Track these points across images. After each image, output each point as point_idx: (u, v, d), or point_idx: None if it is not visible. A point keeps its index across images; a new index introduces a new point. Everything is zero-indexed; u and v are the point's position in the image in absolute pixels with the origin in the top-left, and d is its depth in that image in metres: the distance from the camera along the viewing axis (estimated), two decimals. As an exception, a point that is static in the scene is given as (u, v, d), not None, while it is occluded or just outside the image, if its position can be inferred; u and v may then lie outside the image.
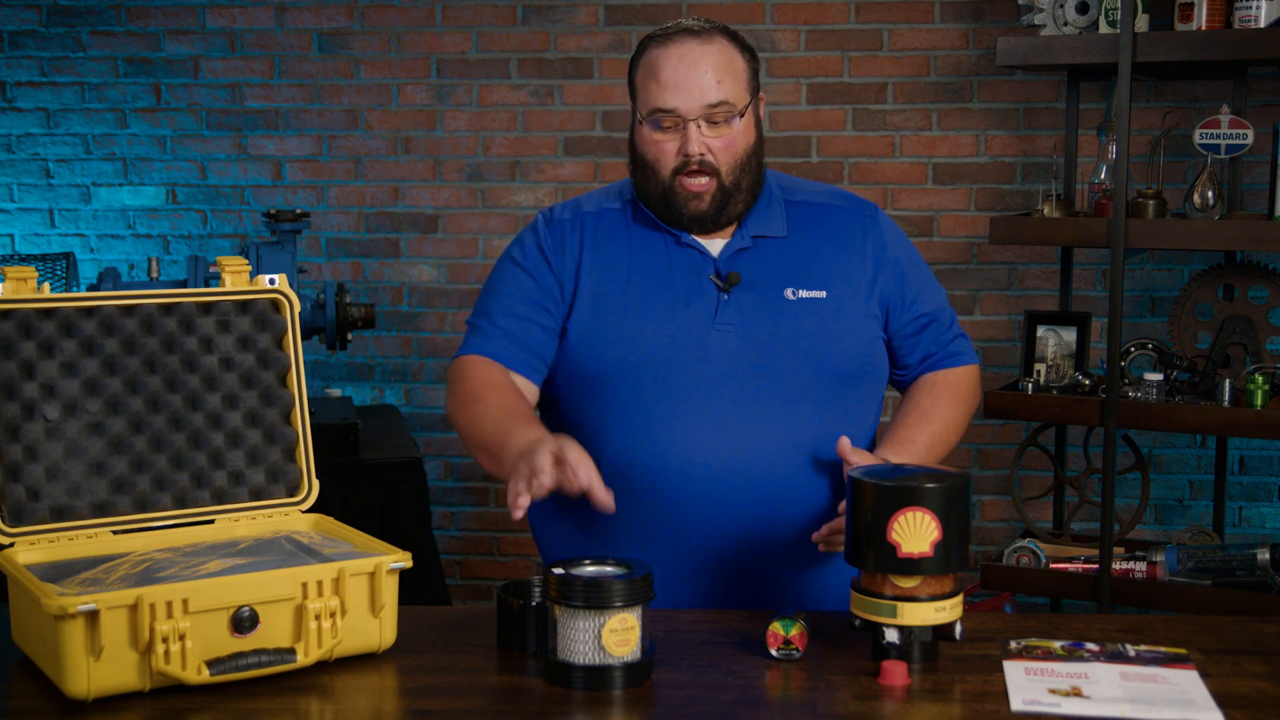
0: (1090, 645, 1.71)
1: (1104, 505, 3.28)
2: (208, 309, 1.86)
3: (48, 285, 1.81)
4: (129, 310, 1.82)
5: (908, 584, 1.61)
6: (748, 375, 1.93)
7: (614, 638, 1.57)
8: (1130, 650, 1.70)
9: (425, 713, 1.53)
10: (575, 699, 1.57)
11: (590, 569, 1.62)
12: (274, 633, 1.61)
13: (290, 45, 4.08)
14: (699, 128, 1.94)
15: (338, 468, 3.20)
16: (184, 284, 3.21)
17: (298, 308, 1.90)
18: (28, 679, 1.62)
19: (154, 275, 3.22)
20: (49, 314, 1.77)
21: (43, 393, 1.76)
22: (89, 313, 1.79)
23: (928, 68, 3.89)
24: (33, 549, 1.73)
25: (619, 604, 1.56)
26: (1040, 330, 3.48)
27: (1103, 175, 3.37)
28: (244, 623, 1.58)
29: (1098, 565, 3.30)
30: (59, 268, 3.74)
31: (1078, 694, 1.55)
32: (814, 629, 1.72)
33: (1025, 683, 1.59)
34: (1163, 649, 1.70)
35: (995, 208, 3.90)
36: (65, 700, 1.54)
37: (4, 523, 1.72)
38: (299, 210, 3.28)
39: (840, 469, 1.95)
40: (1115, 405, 3.21)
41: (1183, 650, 1.70)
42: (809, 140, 3.95)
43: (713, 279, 1.99)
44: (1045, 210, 3.38)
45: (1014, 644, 1.71)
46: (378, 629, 1.68)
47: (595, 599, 1.56)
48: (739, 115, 1.96)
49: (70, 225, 4.18)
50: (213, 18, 4.07)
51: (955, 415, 2.07)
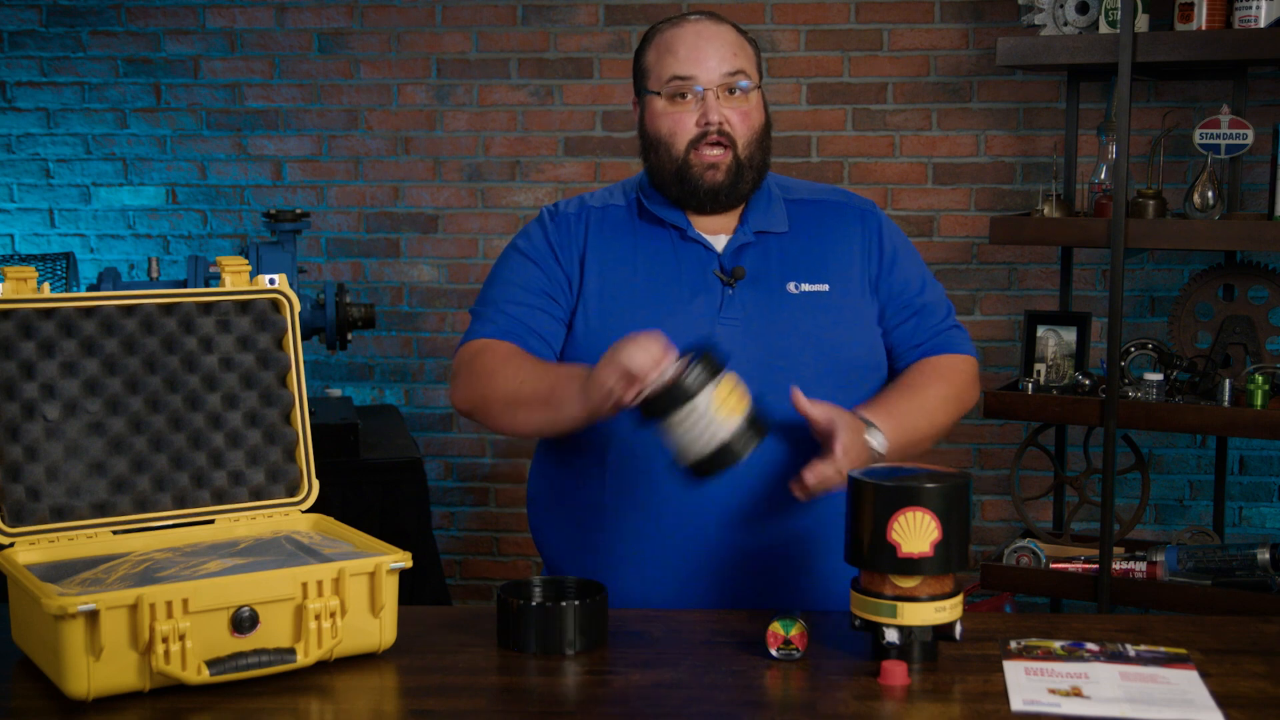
0: (1090, 645, 1.71)
1: (1104, 505, 3.28)
2: (208, 309, 1.86)
3: (48, 285, 1.81)
4: (129, 310, 1.81)
5: (908, 584, 1.61)
6: (753, 369, 1.93)
7: (724, 408, 1.66)
8: (1130, 650, 1.70)
9: (425, 713, 1.53)
10: (573, 699, 1.57)
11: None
12: (274, 633, 1.61)
13: (290, 45, 4.08)
14: (717, 97, 1.97)
15: (338, 468, 3.20)
16: (184, 284, 3.21)
17: (298, 308, 1.90)
18: (28, 679, 1.62)
19: (154, 275, 3.22)
20: (49, 314, 1.77)
21: (43, 393, 1.75)
22: (89, 313, 1.79)
23: (928, 68, 3.89)
24: (33, 549, 1.73)
25: (712, 378, 1.65)
26: (1040, 330, 3.48)
27: (1103, 175, 3.37)
28: (244, 623, 1.58)
29: (1098, 565, 3.30)
30: (59, 268, 3.74)
31: (1078, 694, 1.55)
32: (814, 629, 1.72)
33: (1025, 683, 1.59)
34: (1163, 649, 1.70)
35: (995, 208, 3.90)
36: (65, 700, 1.54)
37: (4, 523, 1.72)
38: (299, 210, 3.28)
39: (812, 451, 1.95)
40: (1115, 405, 3.21)
41: (1183, 650, 1.70)
42: (809, 140, 3.95)
43: (717, 273, 1.99)
44: (1045, 210, 3.38)
45: (1014, 644, 1.71)
46: (378, 629, 1.68)
47: (697, 381, 1.63)
48: (755, 88, 2.00)
49: (70, 225, 4.18)
50: (213, 18, 4.07)
51: (942, 396, 2.03)
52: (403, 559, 1.68)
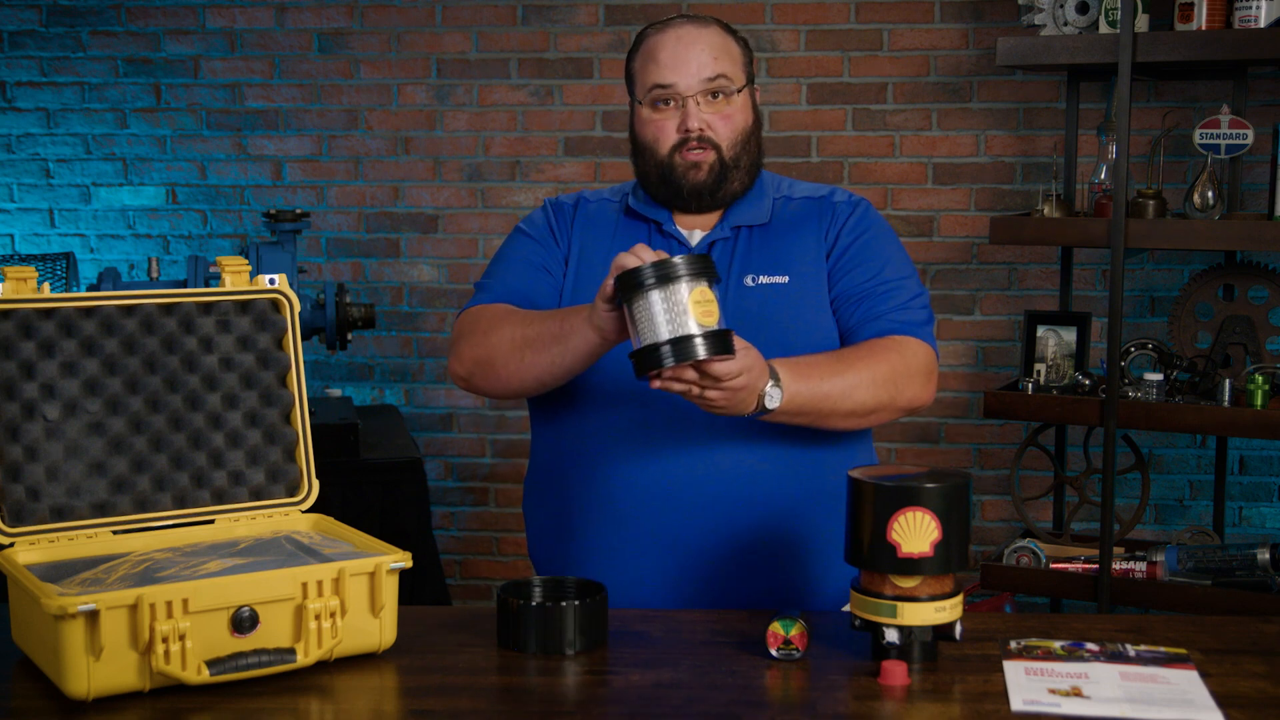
0: (1090, 645, 1.71)
1: (1104, 505, 3.28)
2: (208, 309, 1.86)
3: (48, 285, 1.81)
4: (129, 310, 1.82)
5: (908, 584, 1.61)
6: None
7: (699, 309, 1.63)
8: (1130, 650, 1.70)
9: (425, 713, 1.53)
10: (573, 699, 1.57)
11: None
12: (274, 633, 1.61)
13: (290, 45, 4.08)
14: (698, 104, 1.98)
15: (338, 468, 3.20)
16: (184, 284, 3.21)
17: (298, 308, 1.90)
18: (28, 679, 1.62)
19: (154, 275, 3.22)
20: (49, 314, 1.77)
21: (43, 393, 1.75)
22: (89, 313, 1.79)
23: (928, 68, 3.89)
24: (33, 549, 1.73)
25: (701, 277, 1.64)
26: (1040, 330, 3.48)
27: (1103, 175, 3.37)
28: (244, 623, 1.58)
29: (1098, 565, 3.30)
30: (59, 268, 3.74)
31: (1078, 694, 1.55)
32: (814, 629, 1.72)
33: (1025, 683, 1.59)
34: (1163, 649, 1.70)
35: (995, 208, 3.90)
36: (65, 700, 1.54)
37: (4, 523, 1.72)
38: (299, 210, 3.28)
39: (811, 451, 1.96)
40: (1115, 405, 3.21)
41: (1183, 650, 1.70)
42: (809, 140, 3.95)
43: None
44: (1045, 210, 3.38)
45: (1014, 644, 1.71)
46: (378, 629, 1.68)
47: (684, 267, 1.63)
48: (736, 91, 2.00)
49: (70, 225, 4.18)
50: (213, 18, 4.07)
51: (871, 377, 1.91)
52: (403, 559, 1.68)
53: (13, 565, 1.67)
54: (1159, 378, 3.24)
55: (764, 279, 2.01)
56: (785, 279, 2.01)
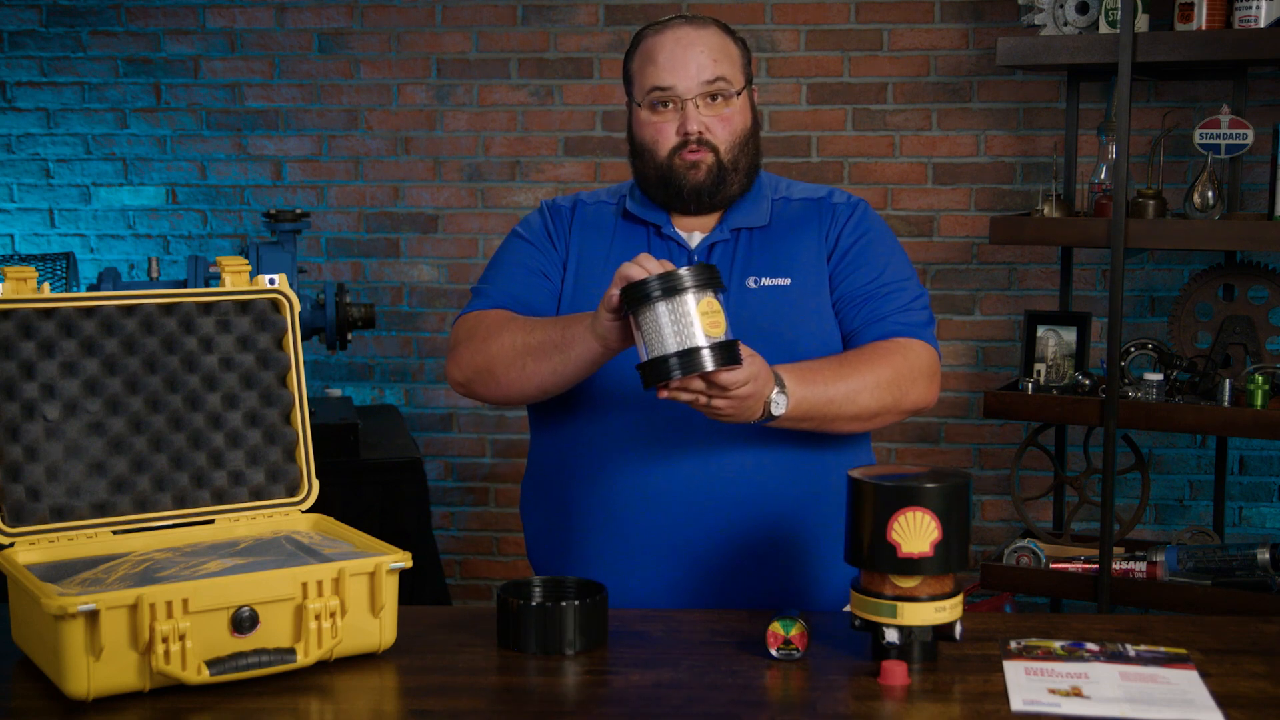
0: (1090, 645, 1.71)
1: (1104, 505, 3.28)
2: (208, 309, 1.86)
3: (48, 285, 1.81)
4: (129, 310, 1.82)
5: (908, 584, 1.61)
6: None
7: (706, 320, 1.64)
8: (1130, 650, 1.70)
9: (425, 713, 1.53)
10: (572, 699, 1.57)
11: None
12: (274, 633, 1.61)
13: (290, 45, 4.08)
14: (696, 107, 1.98)
15: (338, 468, 3.20)
16: (184, 284, 3.21)
17: (298, 308, 1.90)
18: (28, 679, 1.62)
19: (154, 275, 3.22)
20: (49, 314, 1.77)
21: (43, 393, 1.76)
22: (89, 313, 1.79)
23: (928, 68, 3.89)
24: (33, 549, 1.73)
25: (707, 288, 1.65)
26: (1040, 330, 3.48)
27: (1103, 175, 3.37)
28: (244, 623, 1.58)
29: (1098, 565, 3.30)
30: (59, 268, 3.74)
31: (1078, 694, 1.55)
32: (814, 629, 1.72)
33: (1025, 683, 1.59)
34: (1163, 649, 1.70)
35: (995, 208, 3.90)
36: (65, 700, 1.54)
37: (4, 523, 1.72)
38: (299, 210, 3.28)
39: (810, 452, 1.96)
40: (1115, 405, 3.21)
41: (1183, 650, 1.70)
42: (809, 140, 3.95)
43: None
44: (1045, 210, 3.38)
45: (1014, 644, 1.71)
46: (378, 629, 1.68)
47: (691, 278, 1.64)
48: (735, 93, 2.00)
49: (70, 225, 4.18)
50: (213, 18, 4.07)
51: (875, 381, 1.92)
52: (403, 559, 1.68)
53: (13, 565, 1.67)
54: (1159, 378, 3.24)
55: (766, 281, 2.00)
56: (787, 281, 2.01)
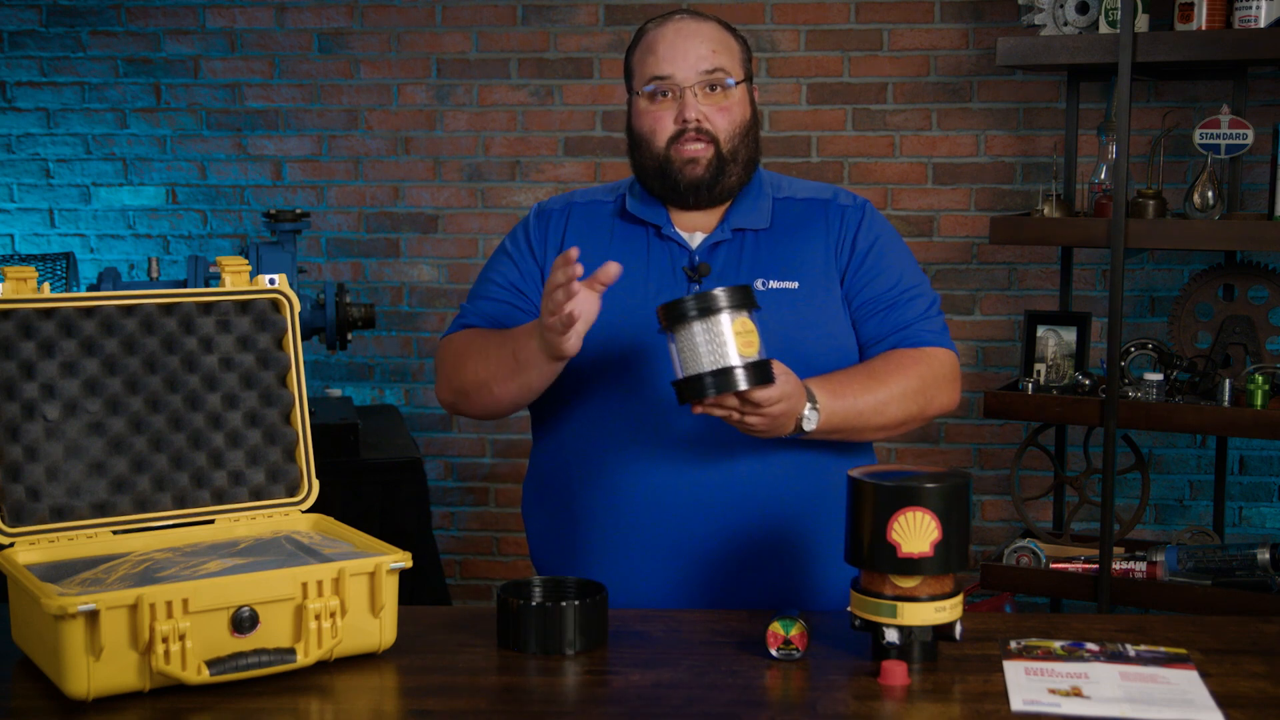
0: (1090, 645, 1.71)
1: (1104, 505, 3.28)
2: (208, 309, 1.86)
3: (48, 285, 1.81)
4: (129, 310, 1.82)
5: (908, 584, 1.61)
6: None
7: (740, 339, 1.68)
8: (1130, 650, 1.70)
9: (425, 713, 1.54)
10: (572, 699, 1.57)
11: None
12: (274, 633, 1.61)
13: (290, 45, 4.08)
14: (695, 95, 1.98)
15: (338, 468, 3.20)
16: (184, 284, 3.21)
17: (298, 308, 1.90)
18: (28, 679, 1.62)
19: (154, 275, 3.22)
20: (49, 314, 1.77)
21: (43, 393, 1.76)
22: (89, 313, 1.79)
23: (928, 68, 3.89)
24: (33, 549, 1.73)
25: (741, 307, 1.68)
26: (1040, 330, 3.48)
27: (1103, 175, 3.37)
28: (244, 623, 1.58)
29: (1098, 565, 3.30)
30: (59, 268, 3.74)
31: (1078, 694, 1.55)
32: (814, 629, 1.72)
33: (1025, 683, 1.59)
34: (1163, 649, 1.70)
35: (995, 208, 3.90)
36: (65, 700, 1.54)
37: (4, 523, 1.72)
38: (299, 210, 3.28)
39: (811, 452, 1.96)
40: (1115, 405, 3.21)
41: (1183, 650, 1.70)
42: (809, 140, 3.95)
43: (685, 269, 2.00)
44: (1045, 210, 3.38)
45: (1014, 644, 1.71)
46: (378, 629, 1.68)
47: (726, 299, 1.67)
48: (734, 84, 2.00)
49: (70, 225, 4.18)
50: (213, 18, 4.07)
51: (901, 391, 1.95)
52: (403, 559, 1.68)
53: (13, 565, 1.67)
54: (1159, 378, 3.24)
55: (774, 284, 2.00)
56: (795, 284, 2.00)
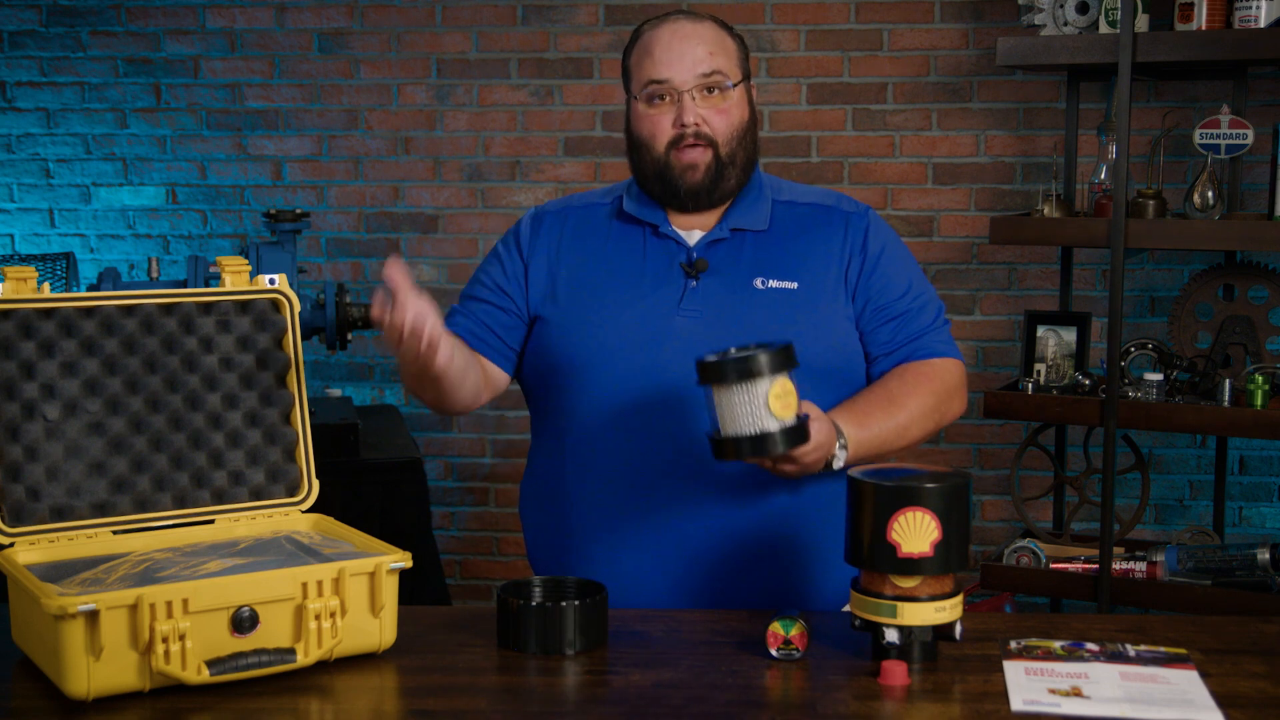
0: (1090, 645, 1.71)
1: (1104, 505, 3.28)
2: (208, 309, 1.86)
3: (48, 285, 1.81)
4: (129, 310, 1.82)
5: (908, 584, 1.61)
6: None
7: (779, 402, 1.67)
8: (1130, 650, 1.70)
9: (425, 713, 1.54)
10: (572, 699, 1.57)
11: None
12: (274, 633, 1.61)
13: (290, 45, 4.08)
14: (693, 99, 1.97)
15: (338, 468, 3.20)
16: (184, 284, 3.20)
17: (298, 308, 1.90)
18: (28, 679, 1.62)
19: (154, 275, 3.22)
20: (49, 314, 1.77)
21: (43, 393, 1.76)
22: (89, 313, 1.79)
23: (928, 68, 3.89)
24: (33, 549, 1.73)
25: (781, 369, 1.68)
26: (1040, 330, 3.48)
27: (1103, 175, 3.37)
28: (244, 623, 1.58)
29: (1098, 565, 3.30)
30: (59, 268, 3.74)
31: (1078, 694, 1.55)
32: (814, 629, 1.72)
33: (1025, 683, 1.59)
34: (1163, 649, 1.70)
35: (995, 208, 3.90)
36: (65, 700, 1.54)
37: (4, 523, 1.72)
38: (299, 210, 3.28)
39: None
40: (1115, 405, 3.21)
41: (1183, 650, 1.70)
42: (809, 140, 3.95)
43: (682, 265, 2.00)
44: (1045, 210, 3.38)
45: (1014, 644, 1.71)
46: (378, 629, 1.68)
47: (767, 365, 1.67)
48: (732, 86, 1.99)
49: (70, 225, 4.18)
50: (213, 18, 4.07)
51: (922, 410, 1.98)
52: (403, 559, 1.68)
53: (13, 565, 1.67)
54: (1159, 378, 3.24)
55: (774, 283, 1.99)
56: (794, 285, 2.00)
